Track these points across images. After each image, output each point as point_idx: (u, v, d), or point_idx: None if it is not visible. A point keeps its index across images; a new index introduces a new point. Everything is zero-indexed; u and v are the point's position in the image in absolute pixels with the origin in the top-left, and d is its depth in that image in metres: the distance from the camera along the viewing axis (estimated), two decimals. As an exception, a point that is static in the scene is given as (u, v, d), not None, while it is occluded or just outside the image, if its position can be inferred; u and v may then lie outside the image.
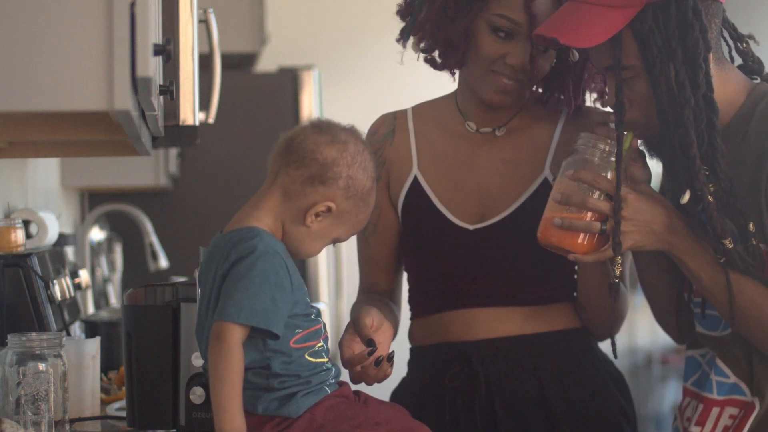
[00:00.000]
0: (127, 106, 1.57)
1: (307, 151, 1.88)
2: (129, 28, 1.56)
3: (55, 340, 1.98)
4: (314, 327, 1.88)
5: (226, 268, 1.83)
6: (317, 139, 1.89)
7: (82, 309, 3.09)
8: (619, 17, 1.99)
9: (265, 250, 1.82)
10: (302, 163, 1.88)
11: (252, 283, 1.80)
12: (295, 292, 1.85)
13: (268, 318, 1.80)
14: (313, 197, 1.87)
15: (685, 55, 1.98)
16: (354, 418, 1.87)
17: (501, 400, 2.25)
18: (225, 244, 1.86)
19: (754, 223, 2.00)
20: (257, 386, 1.84)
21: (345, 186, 1.88)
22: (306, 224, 1.88)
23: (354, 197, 1.89)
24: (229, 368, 1.78)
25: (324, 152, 1.88)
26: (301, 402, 1.85)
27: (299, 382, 1.85)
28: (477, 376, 2.25)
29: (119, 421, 2.24)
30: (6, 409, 1.95)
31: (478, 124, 2.29)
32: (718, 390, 2.11)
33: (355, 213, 1.91)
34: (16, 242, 2.40)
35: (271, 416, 1.85)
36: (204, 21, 3.08)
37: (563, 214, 2.05)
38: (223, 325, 1.79)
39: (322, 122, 1.92)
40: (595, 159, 2.07)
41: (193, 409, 2.02)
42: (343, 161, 1.88)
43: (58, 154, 2.65)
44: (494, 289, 2.24)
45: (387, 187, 2.32)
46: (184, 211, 4.63)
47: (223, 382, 1.78)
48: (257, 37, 4.50)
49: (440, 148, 2.30)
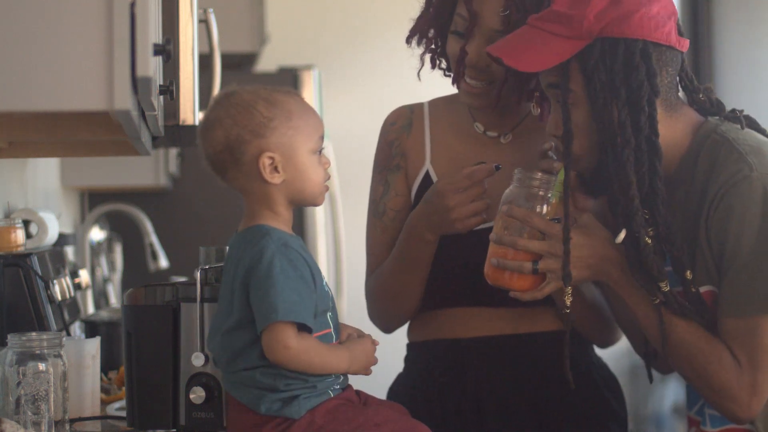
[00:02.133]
0: (127, 106, 1.57)
1: (211, 155, 1.88)
2: (129, 28, 1.56)
3: (55, 340, 1.98)
4: (324, 331, 1.88)
5: (242, 274, 1.84)
6: (203, 142, 1.89)
7: (82, 309, 3.09)
8: (567, 47, 1.99)
9: (276, 247, 1.83)
10: (220, 162, 1.88)
11: (276, 281, 1.81)
12: (317, 287, 1.86)
13: (299, 311, 1.81)
14: (252, 164, 1.86)
15: (629, 96, 1.97)
16: (353, 419, 1.87)
17: (489, 397, 2.26)
18: (238, 244, 1.88)
19: (691, 270, 2.00)
20: (263, 386, 1.85)
21: (252, 130, 1.86)
22: (273, 181, 1.87)
23: (270, 122, 1.86)
24: (310, 359, 1.83)
25: (215, 140, 1.87)
26: (303, 404, 1.85)
27: (305, 385, 1.85)
28: (466, 373, 2.27)
29: (119, 421, 2.24)
30: (6, 409, 1.95)
31: (486, 127, 2.31)
32: (712, 423, 2.11)
33: (293, 124, 1.88)
34: (16, 242, 2.40)
35: (272, 416, 1.85)
36: (204, 21, 3.07)
37: (500, 253, 2.07)
38: (273, 334, 1.81)
39: (198, 127, 1.92)
40: (531, 193, 2.08)
41: (193, 409, 2.02)
42: (227, 124, 1.86)
43: (58, 154, 2.65)
44: (490, 289, 2.24)
45: (405, 176, 2.34)
46: (184, 211, 4.64)
47: (316, 366, 1.84)
48: (257, 37, 4.51)
49: (452, 146, 2.33)
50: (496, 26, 2.17)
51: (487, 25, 2.18)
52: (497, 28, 2.17)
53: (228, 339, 1.86)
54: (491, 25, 2.18)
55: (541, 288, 2.07)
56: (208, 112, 1.90)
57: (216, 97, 1.91)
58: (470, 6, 2.18)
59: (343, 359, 1.88)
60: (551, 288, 2.07)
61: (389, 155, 2.36)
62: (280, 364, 1.83)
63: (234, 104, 1.87)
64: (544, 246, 2.04)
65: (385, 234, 2.35)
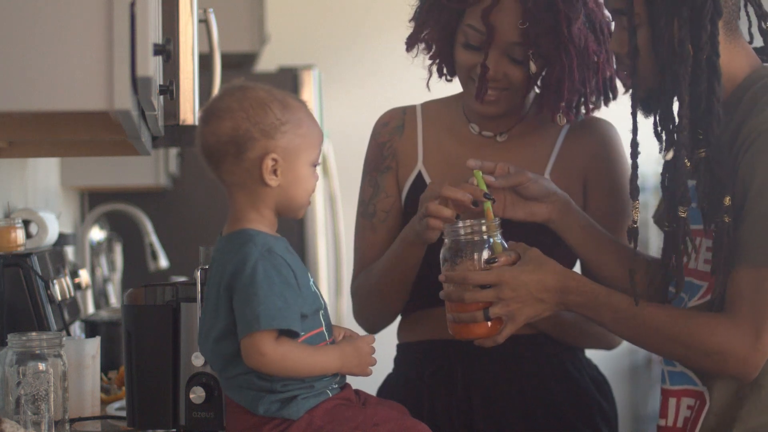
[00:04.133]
0: (127, 106, 1.57)
1: (212, 144, 1.85)
2: (129, 28, 1.56)
3: (55, 340, 1.98)
4: (316, 330, 1.88)
5: (227, 280, 1.82)
6: (206, 128, 1.86)
7: (82, 309, 3.09)
8: None
9: (260, 253, 1.82)
10: (220, 153, 1.85)
11: (259, 288, 1.79)
12: (302, 289, 1.85)
13: (284, 317, 1.80)
14: (254, 162, 1.84)
15: (691, 13, 1.96)
16: (352, 419, 1.87)
17: (479, 399, 2.26)
18: (223, 249, 1.86)
19: (731, 197, 1.97)
20: (260, 387, 1.84)
21: (263, 129, 1.84)
22: (270, 183, 1.85)
23: (282, 125, 1.85)
24: (292, 364, 1.81)
25: (221, 130, 1.84)
26: (301, 404, 1.85)
27: (303, 386, 1.85)
28: (455, 374, 2.27)
29: (119, 421, 2.24)
30: (6, 409, 1.95)
31: (482, 127, 2.31)
32: (671, 380, 2.09)
33: (302, 132, 1.87)
34: (16, 242, 2.40)
35: (270, 418, 1.85)
36: (204, 21, 3.07)
37: (453, 308, 2.07)
38: (250, 341, 1.79)
39: (202, 113, 1.89)
40: (466, 242, 2.06)
41: (193, 409, 2.02)
42: (239, 117, 1.84)
43: (58, 154, 2.65)
44: None
45: (396, 177, 2.34)
46: (184, 211, 4.64)
47: (301, 369, 1.83)
48: (257, 37, 4.50)
49: (445, 148, 2.33)
50: (515, 39, 2.16)
51: (504, 39, 2.17)
52: (515, 41, 2.16)
53: (218, 347, 1.85)
54: (509, 38, 2.17)
55: (500, 332, 2.06)
56: (216, 101, 1.86)
57: (227, 87, 1.88)
58: (487, 20, 2.16)
59: (334, 358, 1.87)
60: (509, 330, 2.06)
61: (380, 156, 2.36)
62: (259, 371, 1.82)
63: (248, 98, 1.85)
64: (491, 294, 2.03)
65: (375, 235, 2.35)
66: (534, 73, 2.20)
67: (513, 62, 2.19)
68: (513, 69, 2.19)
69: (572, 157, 2.30)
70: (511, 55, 2.18)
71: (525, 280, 2.04)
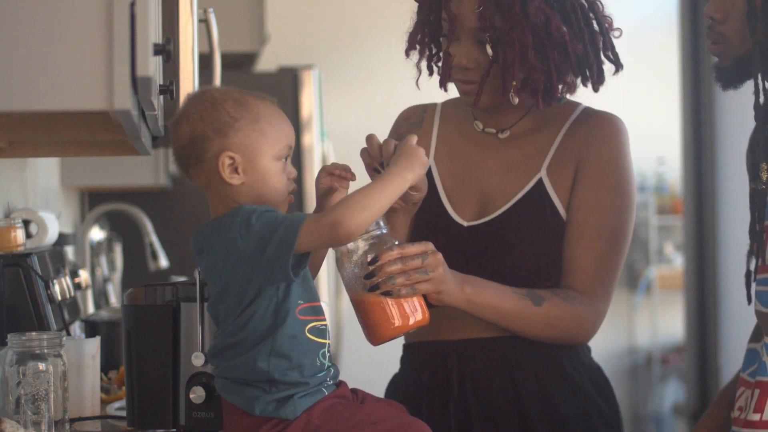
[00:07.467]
0: (127, 106, 1.57)
1: (176, 150, 1.89)
2: (129, 28, 1.56)
3: (55, 340, 1.98)
4: (315, 303, 1.89)
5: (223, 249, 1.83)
6: (172, 137, 1.89)
7: (82, 309, 3.09)
8: None
9: (251, 206, 1.84)
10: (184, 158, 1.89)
11: (271, 221, 1.81)
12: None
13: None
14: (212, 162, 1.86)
15: None
16: (350, 418, 1.87)
17: (475, 401, 2.26)
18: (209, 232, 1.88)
19: None
20: (256, 387, 1.84)
21: (216, 127, 1.85)
22: (232, 181, 1.86)
23: (236, 122, 1.86)
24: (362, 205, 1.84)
25: (181, 135, 1.87)
26: (298, 403, 1.85)
27: (300, 379, 1.85)
28: (451, 376, 2.27)
29: (119, 420, 2.24)
30: (6, 409, 1.95)
31: (485, 124, 2.33)
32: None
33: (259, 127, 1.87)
34: (16, 242, 2.41)
35: (268, 418, 1.85)
36: (204, 21, 3.08)
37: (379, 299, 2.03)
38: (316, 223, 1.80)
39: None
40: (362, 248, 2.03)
41: (193, 409, 2.02)
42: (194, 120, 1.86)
43: (58, 154, 2.65)
44: None
45: None
46: (184, 210, 4.63)
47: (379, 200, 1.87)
48: (257, 37, 4.51)
49: (455, 145, 2.36)
50: (475, 24, 2.19)
51: (466, 24, 2.20)
52: (476, 26, 2.19)
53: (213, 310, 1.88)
54: (470, 24, 2.20)
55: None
56: (179, 109, 1.90)
57: (189, 94, 1.92)
58: (448, 9, 2.21)
59: (396, 176, 1.89)
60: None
61: None
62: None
63: (203, 101, 1.87)
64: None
65: None
66: (492, 56, 2.21)
67: (482, 48, 2.20)
68: (484, 56, 2.21)
69: (569, 149, 2.29)
70: (480, 40, 2.20)
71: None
